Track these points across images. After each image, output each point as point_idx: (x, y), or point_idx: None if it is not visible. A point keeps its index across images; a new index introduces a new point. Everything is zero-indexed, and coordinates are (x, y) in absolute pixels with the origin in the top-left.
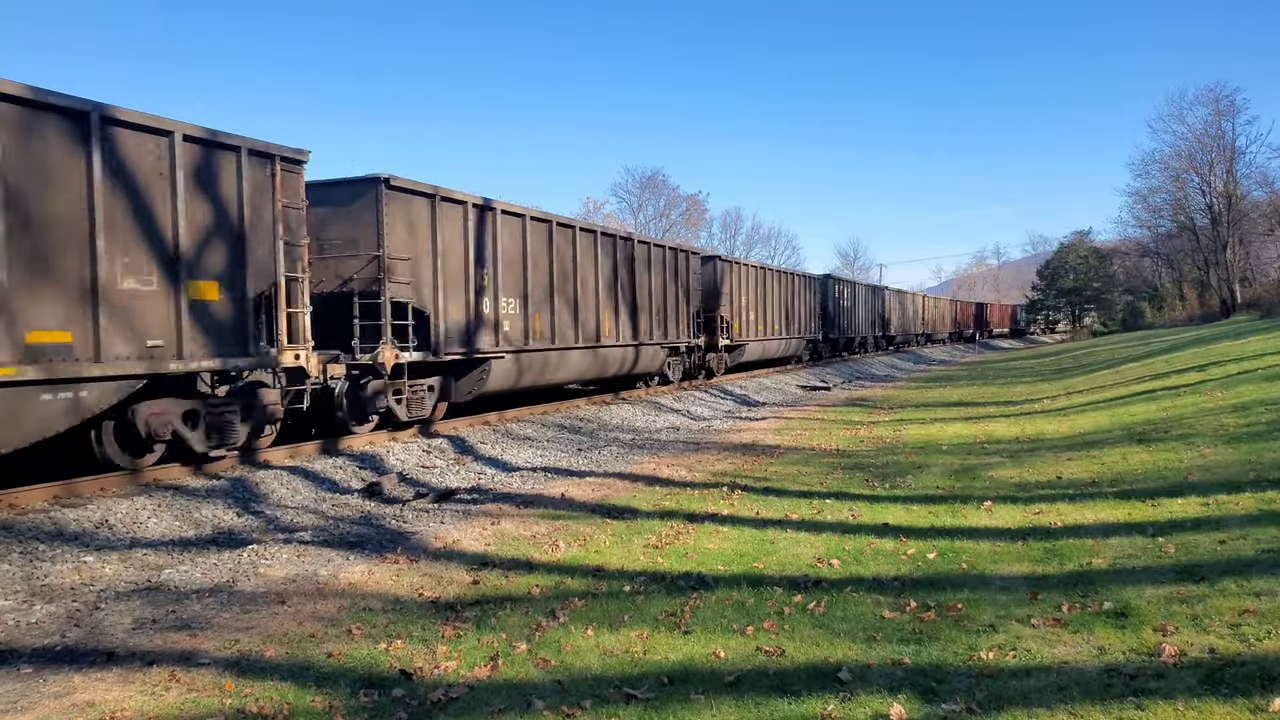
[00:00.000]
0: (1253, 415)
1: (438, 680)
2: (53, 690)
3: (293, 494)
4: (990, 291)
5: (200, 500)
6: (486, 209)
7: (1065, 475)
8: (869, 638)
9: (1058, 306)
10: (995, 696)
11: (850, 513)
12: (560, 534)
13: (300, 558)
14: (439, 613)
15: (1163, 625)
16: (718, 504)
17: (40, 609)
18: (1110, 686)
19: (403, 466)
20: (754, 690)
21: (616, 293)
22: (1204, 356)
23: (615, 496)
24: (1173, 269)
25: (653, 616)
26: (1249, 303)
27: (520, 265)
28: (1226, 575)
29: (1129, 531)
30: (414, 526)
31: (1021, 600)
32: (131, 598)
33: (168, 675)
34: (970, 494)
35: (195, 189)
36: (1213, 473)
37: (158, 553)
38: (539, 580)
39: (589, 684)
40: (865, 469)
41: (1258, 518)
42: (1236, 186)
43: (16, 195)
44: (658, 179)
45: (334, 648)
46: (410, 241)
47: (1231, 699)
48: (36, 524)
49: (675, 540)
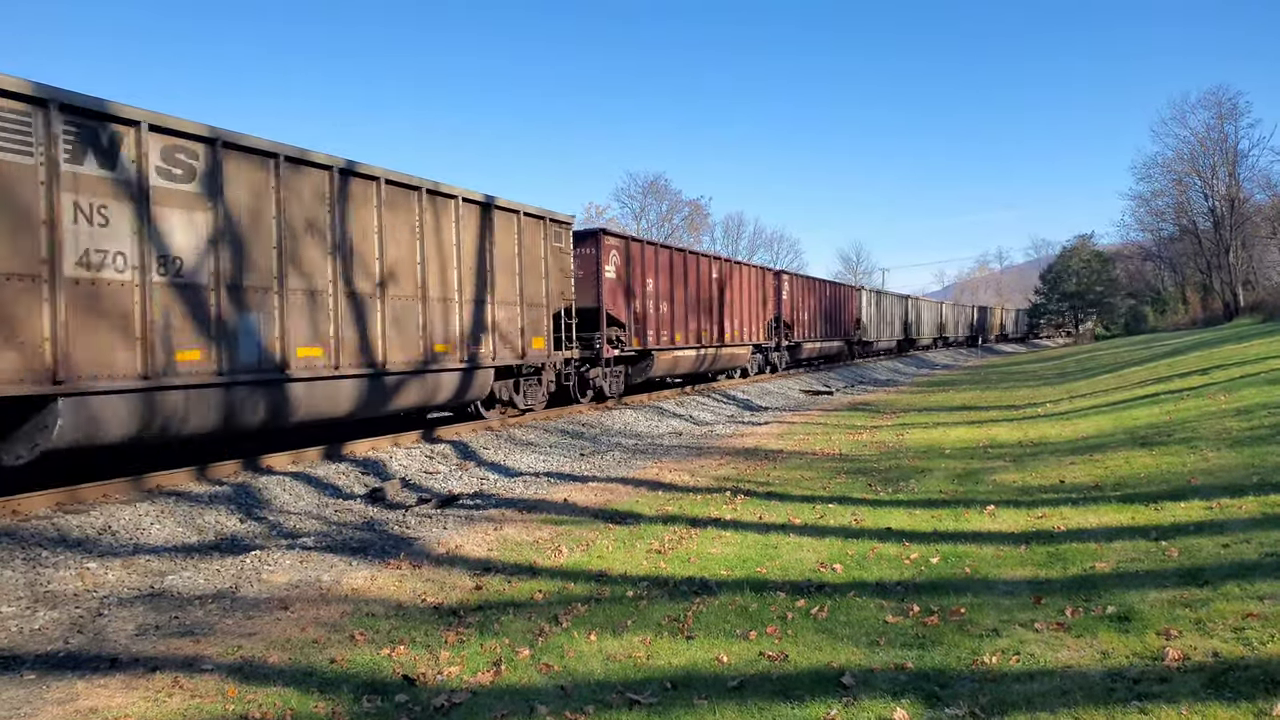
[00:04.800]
0: (1256, 418)
1: (441, 686)
2: (56, 696)
3: (295, 500)
4: (993, 295)
5: (203, 506)
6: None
7: (1068, 479)
8: (872, 642)
9: (1060, 310)
10: (999, 701)
11: (853, 517)
12: (563, 539)
13: (303, 563)
14: (442, 618)
15: (1166, 629)
16: (720, 509)
17: (43, 615)
18: (1114, 691)
19: (405, 472)
20: (757, 695)
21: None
22: (1207, 360)
23: (618, 501)
24: (1175, 272)
25: (656, 621)
26: (1252, 306)
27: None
28: (1230, 579)
29: (1132, 535)
30: (417, 532)
31: (1025, 604)
32: (134, 604)
33: (171, 681)
34: (973, 498)
35: (529, 251)
36: (1216, 476)
37: (161, 559)
38: (542, 585)
39: (592, 689)
40: (868, 473)
41: (1261, 521)
42: (1239, 190)
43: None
44: (660, 184)
45: (337, 653)
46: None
47: (1235, 703)
48: (40, 530)
49: (678, 545)
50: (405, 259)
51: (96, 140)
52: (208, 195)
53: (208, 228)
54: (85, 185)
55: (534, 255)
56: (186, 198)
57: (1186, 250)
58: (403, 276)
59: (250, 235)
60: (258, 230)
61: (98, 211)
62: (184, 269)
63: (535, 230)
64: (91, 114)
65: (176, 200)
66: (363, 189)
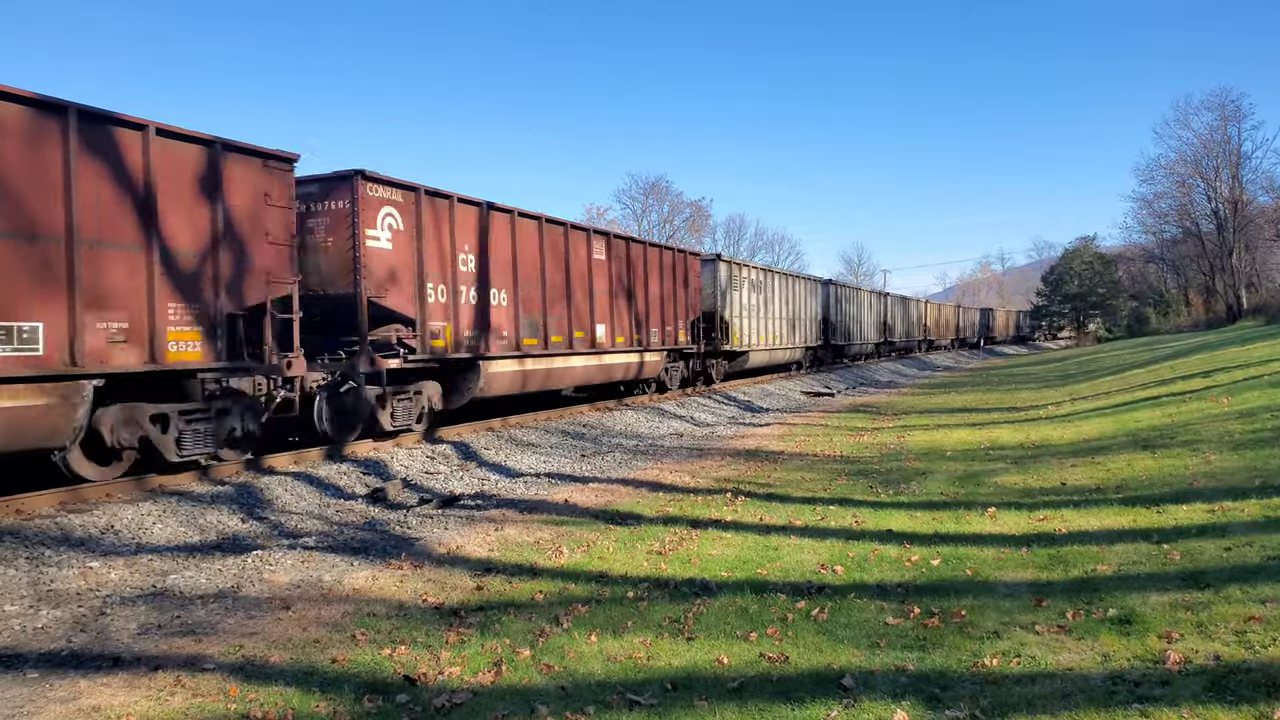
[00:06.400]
0: (1259, 421)
1: (441, 686)
2: (59, 695)
3: (297, 500)
4: (995, 297)
5: (205, 506)
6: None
7: (1070, 482)
8: (873, 644)
9: (1062, 312)
10: (999, 703)
11: (854, 519)
12: (564, 540)
13: (305, 563)
14: (443, 618)
15: (1168, 632)
16: (721, 510)
17: (46, 614)
18: (1115, 694)
19: (407, 472)
20: (757, 697)
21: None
22: (1209, 362)
23: (619, 502)
24: (1178, 275)
25: (656, 623)
26: (1255, 308)
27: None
28: (1232, 582)
29: (1134, 538)
30: (418, 532)
31: (1026, 607)
32: (137, 603)
33: (173, 680)
34: (974, 500)
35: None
36: (1218, 479)
37: (163, 558)
38: (543, 586)
39: (592, 690)
40: (869, 475)
41: (1263, 524)
42: (1242, 192)
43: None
44: (661, 185)
45: (338, 653)
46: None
47: (1237, 706)
48: (43, 529)
49: (679, 546)
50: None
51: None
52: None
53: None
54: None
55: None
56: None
57: (1189, 252)
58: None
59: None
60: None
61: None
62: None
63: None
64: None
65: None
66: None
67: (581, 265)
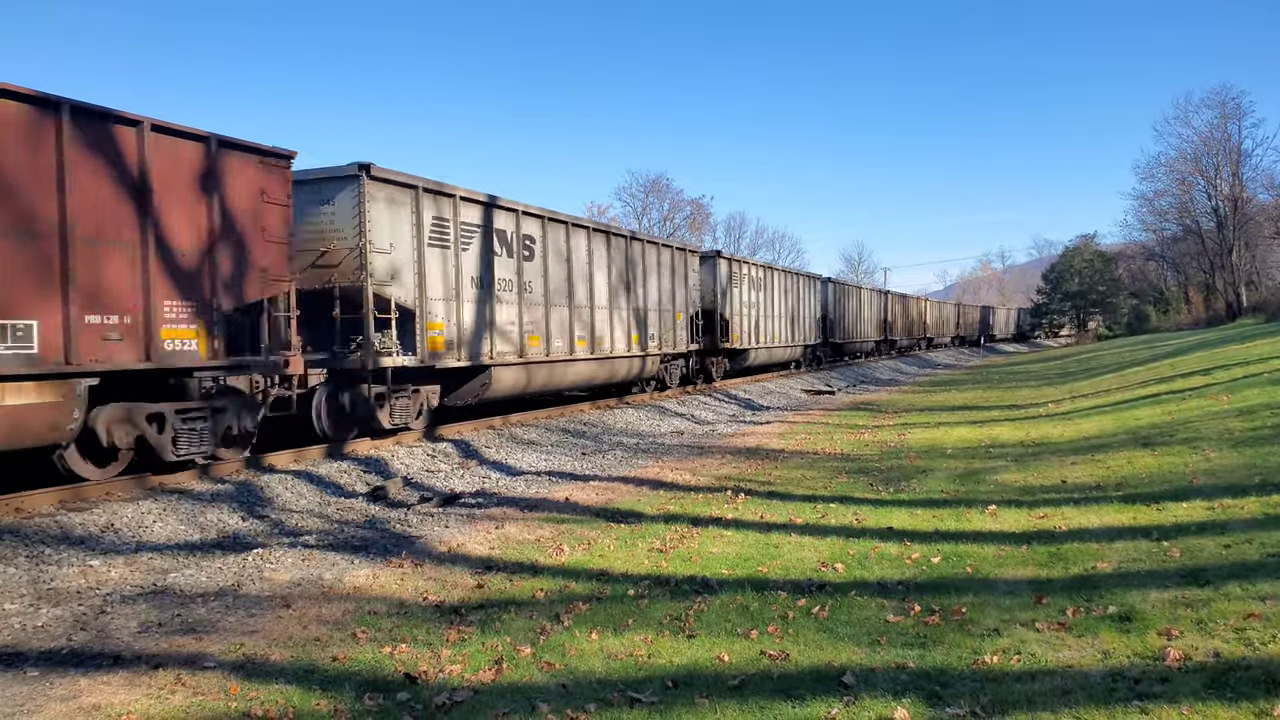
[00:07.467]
0: (1258, 419)
1: (442, 684)
2: (59, 693)
3: (297, 498)
4: (995, 295)
5: (205, 504)
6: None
7: (1070, 479)
8: (873, 642)
9: (1063, 310)
10: (999, 700)
11: (854, 517)
12: (564, 538)
13: (305, 561)
14: (443, 616)
15: (1167, 629)
16: (722, 508)
17: (46, 612)
18: (1114, 690)
19: (407, 470)
20: (758, 694)
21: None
22: (1209, 360)
23: (619, 500)
24: (1178, 273)
25: (657, 620)
26: (1255, 306)
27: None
28: (1231, 579)
29: (1134, 535)
30: (418, 530)
31: (1026, 604)
32: (137, 601)
33: (173, 678)
34: (975, 498)
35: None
36: (1218, 477)
37: (163, 556)
38: (543, 584)
39: (593, 687)
40: (869, 473)
41: (1263, 521)
42: (1242, 190)
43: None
44: (662, 183)
45: (339, 651)
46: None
47: (1236, 703)
48: (43, 528)
49: (679, 544)
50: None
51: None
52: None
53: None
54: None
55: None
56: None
57: (1189, 250)
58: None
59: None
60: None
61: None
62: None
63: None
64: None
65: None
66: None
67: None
